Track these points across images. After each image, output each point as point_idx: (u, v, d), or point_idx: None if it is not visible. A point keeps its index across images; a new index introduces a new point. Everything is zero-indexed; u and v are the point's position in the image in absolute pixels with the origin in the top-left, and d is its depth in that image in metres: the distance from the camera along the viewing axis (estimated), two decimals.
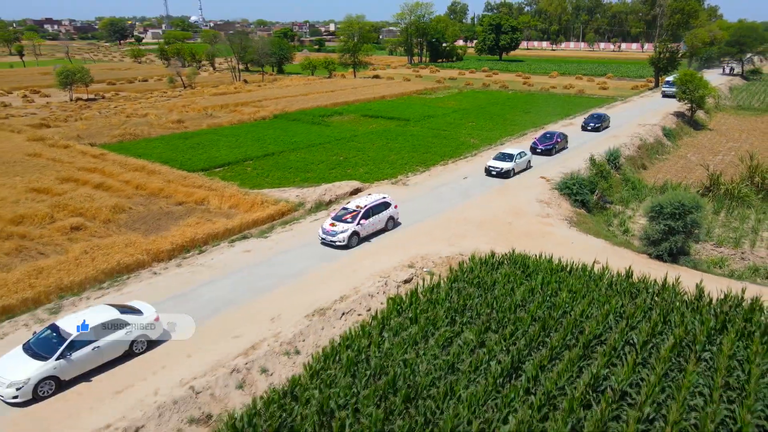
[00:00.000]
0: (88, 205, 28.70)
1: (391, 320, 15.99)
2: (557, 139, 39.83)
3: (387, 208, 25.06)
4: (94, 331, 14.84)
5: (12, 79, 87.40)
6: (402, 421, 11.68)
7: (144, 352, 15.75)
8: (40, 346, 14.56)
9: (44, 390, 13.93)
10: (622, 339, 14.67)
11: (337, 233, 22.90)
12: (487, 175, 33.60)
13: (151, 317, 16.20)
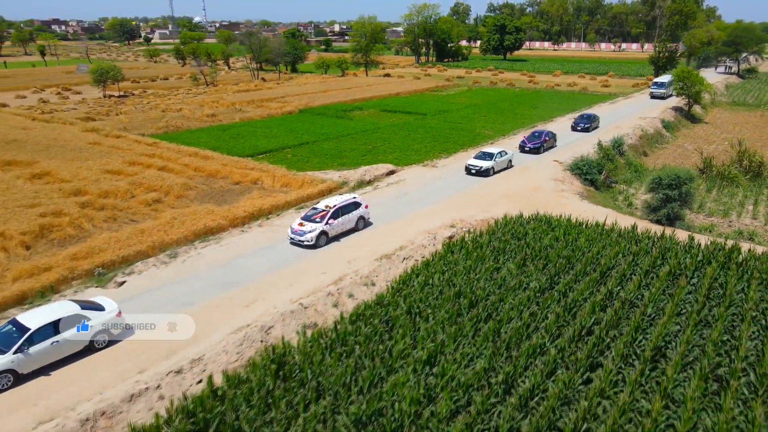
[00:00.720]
0: (160, 183, 33.01)
1: (447, 258, 20.37)
2: (545, 138, 41.07)
3: (357, 208, 25.25)
4: (53, 326, 15.08)
5: (38, 78, 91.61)
6: (469, 315, 16.06)
7: (106, 347, 16.00)
8: (0, 341, 14.84)
9: (2, 383, 14.22)
10: (630, 269, 19.09)
11: (305, 233, 23.20)
12: (467, 174, 34.16)
13: (113, 313, 16.49)
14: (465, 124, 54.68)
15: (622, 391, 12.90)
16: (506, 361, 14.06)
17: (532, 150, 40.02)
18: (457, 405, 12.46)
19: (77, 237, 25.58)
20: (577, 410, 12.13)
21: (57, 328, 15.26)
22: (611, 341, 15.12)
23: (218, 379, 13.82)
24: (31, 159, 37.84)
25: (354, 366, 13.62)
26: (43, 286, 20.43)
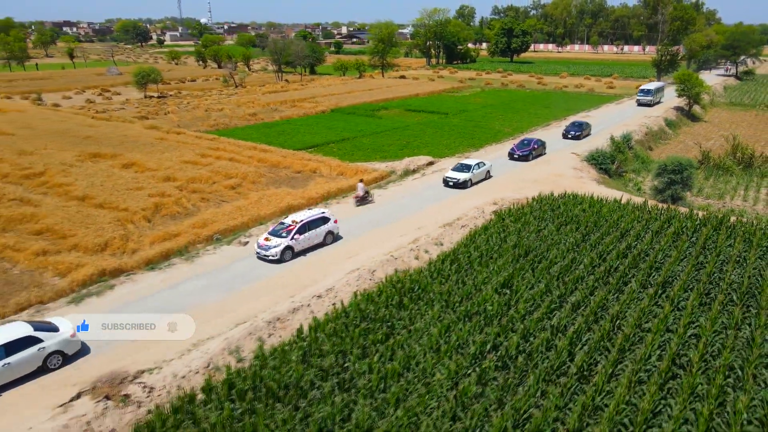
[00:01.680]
0: (234, 171, 38.67)
1: (498, 224, 26.11)
2: (534, 146, 42.11)
3: (325, 222, 25.62)
4: (5, 349, 15.13)
5: (73, 80, 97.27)
6: (525, 259, 21.80)
7: (59, 367, 16.14)
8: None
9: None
10: (643, 230, 24.86)
11: (270, 248, 23.60)
12: (445, 186, 34.61)
13: (68, 333, 16.59)
14: (485, 123, 60.39)
15: (640, 303, 18.59)
16: (557, 287, 19.78)
17: (521, 157, 41.05)
18: (529, 310, 18.18)
19: (183, 213, 31.25)
20: (611, 313, 17.82)
21: (8, 350, 15.24)
22: (632, 276, 20.84)
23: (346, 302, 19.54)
24: (113, 152, 43.50)
25: (450, 288, 19.34)
26: (178, 247, 26.11)
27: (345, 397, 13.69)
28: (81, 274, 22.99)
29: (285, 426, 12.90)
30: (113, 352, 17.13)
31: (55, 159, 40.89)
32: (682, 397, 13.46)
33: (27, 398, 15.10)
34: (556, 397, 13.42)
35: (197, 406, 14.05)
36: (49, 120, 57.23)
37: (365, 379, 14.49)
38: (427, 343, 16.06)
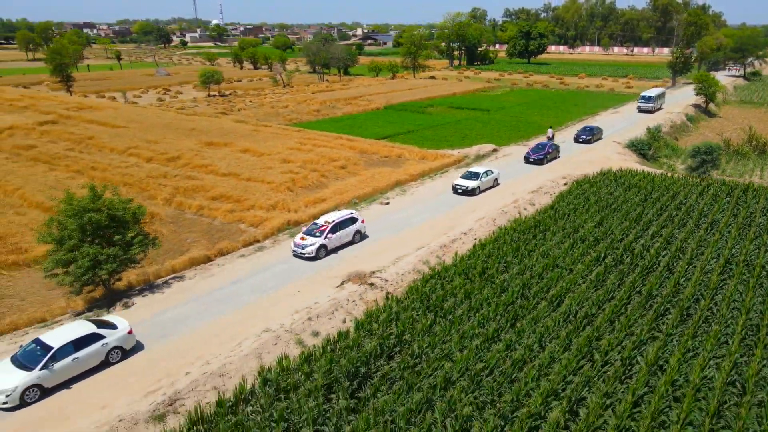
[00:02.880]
0: (336, 155, 46.93)
1: (577, 190, 34.48)
2: (548, 150, 44.49)
3: (354, 223, 27.90)
4: (74, 345, 16.85)
5: (128, 80, 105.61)
6: (608, 210, 30.18)
7: (119, 361, 17.91)
8: (26, 358, 16.55)
9: (30, 396, 15.94)
10: (688, 192, 33.24)
11: (306, 246, 25.78)
12: (454, 193, 36.15)
13: (125, 330, 18.30)
14: (525, 118, 68.75)
15: (698, 233, 26.93)
16: (634, 226, 28.11)
17: (536, 161, 43.39)
18: (620, 237, 26.54)
19: (314, 186, 39.51)
20: (669, 251, 26.12)
21: (77, 346, 17.03)
22: (688, 217, 29.21)
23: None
24: (224, 141, 51.78)
25: (561, 225, 27.71)
26: (329, 208, 34.37)
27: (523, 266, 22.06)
28: (273, 224, 31.32)
29: (486, 289, 21.20)
30: (346, 263, 25.49)
31: (180, 146, 49.18)
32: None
33: (313, 283, 23.46)
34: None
35: (424, 286, 22.28)
36: (144, 115, 65.55)
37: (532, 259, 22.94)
38: (562, 250, 24.42)
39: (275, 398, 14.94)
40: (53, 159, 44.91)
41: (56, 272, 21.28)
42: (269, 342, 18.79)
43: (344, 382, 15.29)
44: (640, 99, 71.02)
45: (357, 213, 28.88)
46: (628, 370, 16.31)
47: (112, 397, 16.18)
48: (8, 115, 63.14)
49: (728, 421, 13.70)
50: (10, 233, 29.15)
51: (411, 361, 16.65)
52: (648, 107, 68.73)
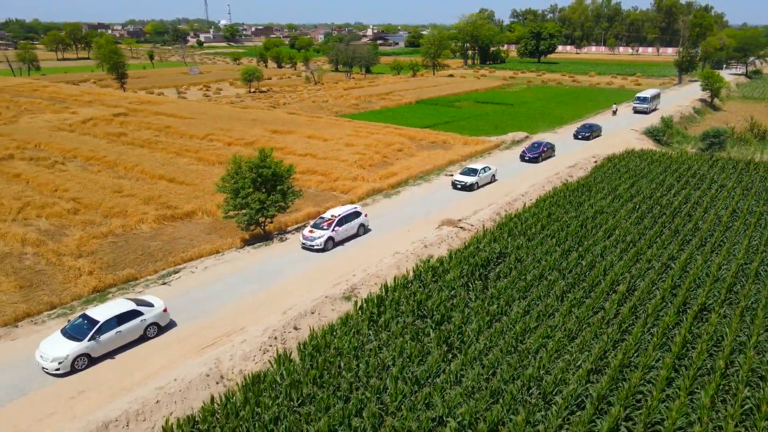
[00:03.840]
0: (390, 140, 54.18)
1: (607, 166, 41.86)
2: (543, 149, 46.65)
3: (358, 216, 29.77)
4: (117, 319, 18.87)
5: (165, 78, 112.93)
6: (636, 177, 37.59)
7: (156, 336, 19.94)
8: (75, 331, 18.54)
9: (79, 364, 17.87)
10: (701, 167, 40.66)
11: (315, 238, 27.59)
12: (453, 188, 38.61)
13: (160, 308, 20.31)
14: (547, 111, 76.16)
15: (709, 192, 34.28)
16: (659, 187, 35.46)
17: (531, 159, 45.64)
18: (651, 194, 33.92)
19: (380, 164, 46.78)
20: (688, 203, 33.46)
21: (119, 321, 19.02)
22: (701, 182, 36.57)
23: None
24: (286, 129, 59.10)
25: (603, 186, 35.08)
26: (398, 181, 41.67)
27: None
28: (361, 191, 38.68)
29: (555, 224, 28.48)
30: (443, 213, 32.86)
31: (251, 133, 56.50)
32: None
33: (419, 226, 30.81)
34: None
35: (506, 224, 29.52)
36: (202, 108, 72.88)
37: (583, 207, 30.28)
38: (606, 203, 31.78)
39: (432, 280, 22.31)
40: (147, 143, 52.22)
41: (231, 214, 28.66)
42: (402, 259, 26.14)
43: (476, 272, 22.69)
44: (636, 100, 71.61)
45: (360, 207, 30.86)
46: (664, 266, 23.70)
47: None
48: (83, 108, 70.49)
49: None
50: (155, 196, 36.47)
51: (512, 264, 24.02)
52: (643, 108, 69.75)
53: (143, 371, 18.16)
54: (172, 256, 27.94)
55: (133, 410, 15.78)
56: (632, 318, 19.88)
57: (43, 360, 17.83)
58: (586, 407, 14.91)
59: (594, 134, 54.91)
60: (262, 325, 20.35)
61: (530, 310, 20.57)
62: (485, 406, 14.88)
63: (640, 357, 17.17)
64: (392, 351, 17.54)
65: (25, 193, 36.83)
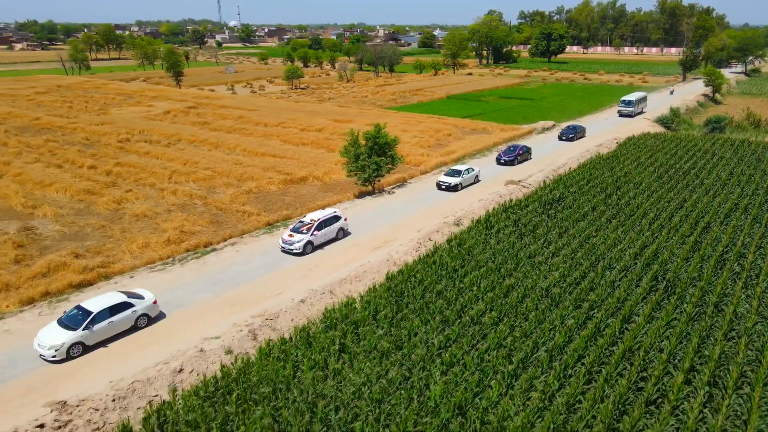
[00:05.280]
0: (438, 127, 63.97)
1: (628, 146, 51.78)
2: (519, 152, 48.24)
3: (337, 221, 30.56)
4: (109, 311, 20.45)
5: (205, 77, 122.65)
6: (656, 149, 47.51)
7: (146, 326, 21.55)
8: (70, 320, 20.17)
9: (74, 352, 19.59)
10: (705, 144, 50.62)
11: (293, 242, 28.19)
12: (438, 189, 40.16)
13: (150, 301, 21.90)
14: (565, 105, 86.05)
15: (718, 165, 44.16)
16: (678, 161, 45.34)
17: (507, 162, 47.02)
18: (675, 165, 43.83)
19: (437, 146, 56.59)
20: (696, 168, 43.32)
21: (111, 312, 20.52)
22: (706, 155, 46.47)
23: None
24: (345, 119, 68.89)
25: (631, 160, 44.97)
26: (458, 157, 51.46)
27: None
28: (430, 163, 48.51)
29: (596, 180, 38.33)
30: (505, 176, 42.68)
31: (316, 122, 66.30)
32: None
33: (487, 185, 40.64)
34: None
35: (559, 181, 39.29)
36: (260, 102, 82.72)
37: (615, 171, 40.10)
38: (632, 168, 41.59)
39: (518, 209, 32.24)
40: (232, 130, 62.01)
41: (352, 174, 38.50)
42: (486, 203, 35.98)
43: (546, 207, 32.64)
44: (621, 103, 72.44)
45: (340, 212, 31.64)
46: (679, 205, 33.61)
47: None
48: (156, 102, 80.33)
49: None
50: (269, 166, 46.23)
51: (569, 204, 33.91)
52: (628, 111, 70.89)
53: (345, 259, 27.95)
54: (309, 204, 37.76)
55: (352, 275, 25.59)
56: (654, 229, 29.83)
57: (40, 348, 19.48)
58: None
59: (578, 135, 57.38)
60: (407, 237, 30.18)
61: (588, 227, 30.46)
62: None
63: (671, 248, 27.04)
64: (506, 244, 27.42)
65: (164, 165, 46.63)
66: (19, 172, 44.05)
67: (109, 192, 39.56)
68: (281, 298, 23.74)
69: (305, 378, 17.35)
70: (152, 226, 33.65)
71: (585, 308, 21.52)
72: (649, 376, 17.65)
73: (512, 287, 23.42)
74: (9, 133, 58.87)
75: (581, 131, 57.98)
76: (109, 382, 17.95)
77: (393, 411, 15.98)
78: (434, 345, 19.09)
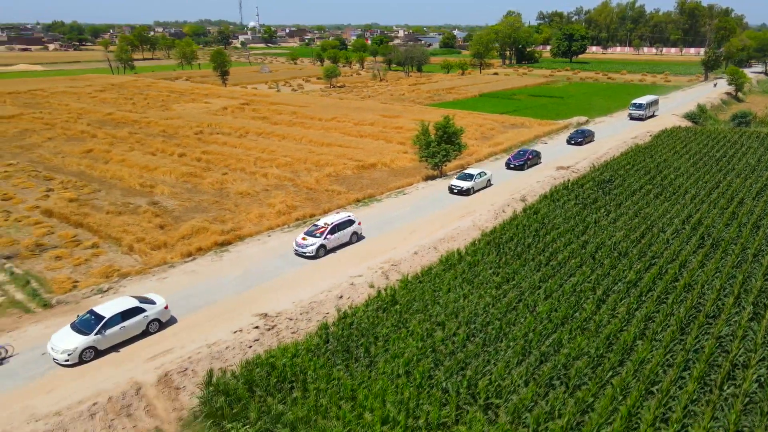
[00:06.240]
0: (480, 122, 69.57)
1: (665, 134, 57.19)
2: (529, 156, 48.41)
3: (351, 225, 30.74)
4: (121, 316, 20.76)
5: (239, 77, 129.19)
6: (665, 150, 52.93)
7: (157, 331, 21.87)
8: (83, 325, 20.53)
9: (86, 356, 19.94)
10: (729, 136, 55.90)
11: (307, 246, 28.60)
12: (450, 193, 40.48)
13: (162, 306, 22.30)
14: (593, 102, 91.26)
15: (740, 151, 49.45)
16: (710, 149, 50.67)
17: (517, 167, 47.19)
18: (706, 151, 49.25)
19: (483, 138, 62.18)
20: (726, 156, 48.63)
21: (123, 317, 20.95)
22: (734, 145, 51.76)
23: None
24: (392, 114, 74.72)
25: (666, 148, 50.43)
26: (506, 147, 57.10)
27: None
28: (482, 153, 54.29)
29: (640, 165, 43.82)
30: (555, 162, 48.28)
31: (365, 117, 72.15)
32: None
33: (539, 170, 46.29)
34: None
35: (605, 166, 44.84)
36: (306, 100, 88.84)
37: (654, 159, 45.56)
38: (671, 154, 47.01)
39: (576, 187, 37.89)
40: (291, 123, 68.10)
41: (423, 160, 44.30)
42: (544, 183, 41.57)
43: (598, 186, 38.25)
44: (631, 107, 72.09)
45: (354, 216, 31.77)
46: (715, 185, 39.06)
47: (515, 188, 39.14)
48: (211, 99, 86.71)
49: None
50: (340, 155, 52.13)
51: (619, 183, 39.48)
52: (639, 115, 70.47)
53: (435, 227, 33.71)
54: (387, 185, 43.56)
55: (448, 236, 31.35)
56: (696, 203, 35.38)
57: (53, 351, 19.90)
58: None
59: (587, 140, 57.31)
60: (483, 209, 35.93)
61: (639, 201, 36.12)
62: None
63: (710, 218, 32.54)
64: (572, 213, 33.12)
65: (245, 153, 52.67)
66: (123, 159, 50.34)
67: (208, 175, 45.66)
68: (396, 252, 29.52)
69: (444, 298, 23.13)
70: (258, 202, 39.63)
71: (648, 257, 27.13)
72: (705, 301, 23.22)
73: (586, 243, 29.08)
74: (91, 126, 65.36)
75: (590, 135, 58.16)
76: (292, 303, 23.84)
77: (516, 320, 21.71)
78: (535, 279, 24.81)
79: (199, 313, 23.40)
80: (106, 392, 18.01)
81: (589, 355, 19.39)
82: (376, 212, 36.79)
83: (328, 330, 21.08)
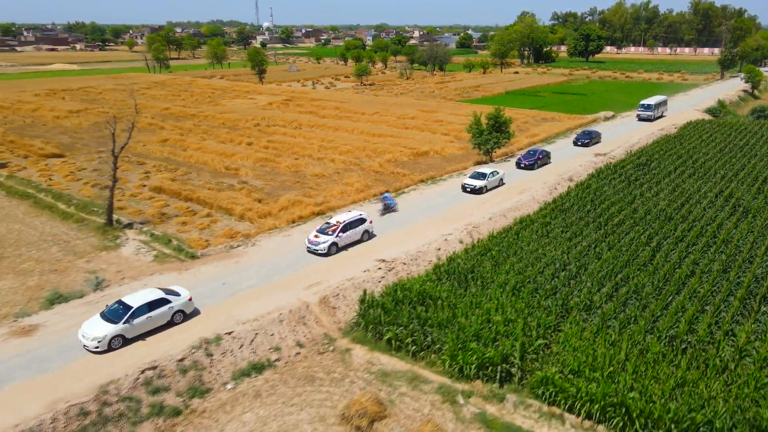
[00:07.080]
0: (512, 116, 74.71)
1: (692, 126, 62.50)
2: (539, 156, 49.12)
3: (362, 223, 31.52)
4: (148, 306, 21.92)
5: (270, 76, 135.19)
6: (693, 139, 58.22)
7: (182, 322, 23.08)
8: (112, 314, 21.81)
9: (115, 344, 21.19)
10: (749, 127, 61.13)
11: (319, 243, 29.60)
12: (463, 191, 41.24)
13: (186, 297, 23.32)
14: (615, 98, 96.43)
15: (761, 140, 54.68)
16: (732, 140, 55.92)
17: (527, 167, 47.94)
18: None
19: (518, 131, 67.56)
20: (748, 144, 53.84)
21: (150, 307, 22.15)
22: (755, 134, 56.98)
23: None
24: (429, 110, 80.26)
25: (693, 139, 55.76)
26: (542, 138, 62.51)
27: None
28: (521, 143, 59.72)
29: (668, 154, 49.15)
30: (585, 151, 53.70)
31: (405, 112, 77.72)
32: None
33: (576, 157, 51.75)
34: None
35: (638, 154, 50.17)
36: (344, 96, 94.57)
37: (682, 147, 50.86)
38: (698, 143, 52.30)
39: (618, 168, 43.33)
40: (338, 117, 73.77)
41: (476, 147, 49.84)
42: (587, 167, 47.00)
43: (638, 167, 43.70)
44: (639, 107, 72.45)
45: (366, 215, 32.40)
46: (741, 167, 44.37)
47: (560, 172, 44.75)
48: (255, 96, 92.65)
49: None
50: (395, 143, 57.71)
51: (656, 166, 44.86)
52: (647, 116, 70.77)
53: (499, 199, 39.22)
54: (444, 168, 49.06)
55: (513, 206, 36.89)
56: (726, 181, 40.74)
57: (84, 339, 21.13)
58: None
59: (593, 141, 57.45)
60: (537, 187, 41.46)
61: (675, 179, 41.57)
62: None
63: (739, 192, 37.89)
64: (620, 188, 38.61)
65: (308, 142, 58.34)
66: (199, 147, 56.19)
67: (281, 160, 51.36)
68: (473, 217, 35.10)
69: (527, 249, 28.70)
70: (333, 182, 45.26)
71: (690, 220, 32.56)
72: (741, 251, 28.62)
73: (635, 210, 34.57)
74: (156, 119, 71.32)
75: (596, 136, 58.29)
76: (402, 252, 29.46)
77: (588, 263, 27.21)
78: (599, 235, 30.35)
79: (330, 258, 29.04)
80: (285, 308, 23.64)
81: (652, 284, 24.88)
82: (443, 189, 42.34)
83: (441, 268, 26.66)
